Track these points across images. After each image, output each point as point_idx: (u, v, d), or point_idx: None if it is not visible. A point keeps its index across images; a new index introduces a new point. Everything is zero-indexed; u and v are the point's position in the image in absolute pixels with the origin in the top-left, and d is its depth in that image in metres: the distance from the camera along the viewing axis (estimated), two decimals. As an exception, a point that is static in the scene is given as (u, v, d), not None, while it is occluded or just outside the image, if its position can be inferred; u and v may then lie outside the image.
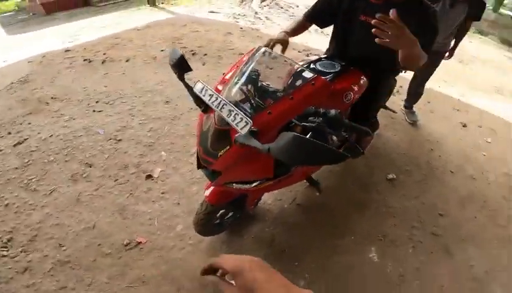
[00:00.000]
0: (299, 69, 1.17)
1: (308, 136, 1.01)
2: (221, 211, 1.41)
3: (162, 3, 7.23)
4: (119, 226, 1.66)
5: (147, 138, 2.25)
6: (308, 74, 1.08)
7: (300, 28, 1.53)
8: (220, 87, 1.11)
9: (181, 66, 0.99)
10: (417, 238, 1.89)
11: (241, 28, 4.91)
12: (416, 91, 2.88)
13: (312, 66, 1.45)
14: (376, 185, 2.18)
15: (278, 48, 1.29)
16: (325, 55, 1.61)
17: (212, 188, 1.25)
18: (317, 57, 1.58)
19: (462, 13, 2.18)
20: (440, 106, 3.49)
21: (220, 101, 0.89)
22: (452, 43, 2.46)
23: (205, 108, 1.04)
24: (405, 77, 2.95)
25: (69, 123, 2.35)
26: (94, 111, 2.51)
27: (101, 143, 2.16)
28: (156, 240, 1.62)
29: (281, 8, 7.62)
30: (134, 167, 2.00)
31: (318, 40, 4.96)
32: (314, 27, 1.56)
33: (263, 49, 1.13)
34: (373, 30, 0.89)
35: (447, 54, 2.54)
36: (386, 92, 1.80)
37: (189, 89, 1.01)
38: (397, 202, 2.09)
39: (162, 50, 3.80)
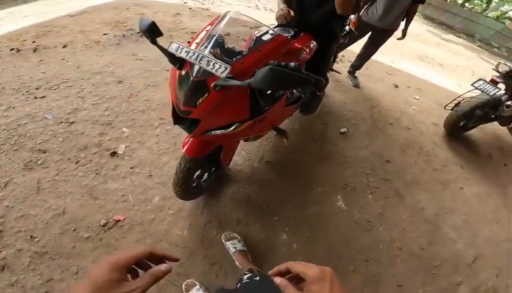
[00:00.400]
0: (262, 32, 1.31)
1: None
2: (197, 172, 1.44)
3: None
4: (91, 208, 1.57)
5: (105, 117, 2.12)
6: (272, 33, 1.24)
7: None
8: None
9: (152, 31, 1.00)
10: (373, 185, 2.13)
11: (190, 8, 4.74)
12: (360, 63, 3.20)
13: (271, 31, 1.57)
14: (332, 139, 2.42)
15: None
16: (279, 24, 1.73)
17: (189, 143, 1.27)
18: (273, 26, 1.71)
19: None
20: (376, 71, 3.94)
21: (198, 55, 0.95)
22: (402, 25, 2.72)
23: (180, 65, 1.06)
24: (348, 48, 3.27)
25: (8, 112, 2.07)
26: (35, 97, 2.25)
27: (52, 128, 1.97)
28: (135, 215, 1.57)
29: (229, -12, 7.53)
30: (95, 147, 1.88)
31: (267, 17, 5.14)
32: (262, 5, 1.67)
33: (231, 13, 1.20)
34: None
35: (399, 34, 2.82)
36: (332, 55, 1.99)
37: (164, 50, 1.03)
38: (351, 152, 2.34)
39: (105, 34, 3.49)
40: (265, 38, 1.27)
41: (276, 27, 1.68)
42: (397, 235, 1.87)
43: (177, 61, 1.05)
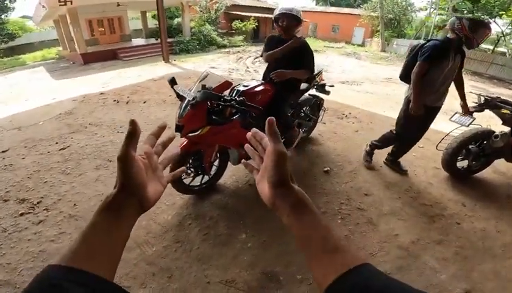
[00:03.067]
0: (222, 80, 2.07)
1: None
2: (188, 174, 2.12)
3: (174, 60, 8.81)
4: None
5: (152, 146, 3.07)
6: (222, 80, 1.95)
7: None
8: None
9: (173, 81, 1.91)
10: (345, 212, 2.19)
11: (232, 79, 6.02)
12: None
13: (242, 83, 2.33)
14: (314, 175, 2.67)
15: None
16: (252, 79, 2.54)
17: (182, 144, 1.97)
18: (252, 79, 2.54)
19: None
20: (381, 124, 4.03)
21: (186, 92, 1.84)
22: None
23: (181, 98, 1.92)
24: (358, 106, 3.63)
25: (100, 138, 3.21)
26: (118, 132, 3.39)
27: (120, 149, 2.99)
28: None
29: (270, 63, 9.07)
30: None
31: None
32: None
33: (206, 71, 2.07)
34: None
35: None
36: (289, 100, 2.53)
37: (174, 91, 1.91)
38: (330, 186, 2.52)
39: (170, 96, 4.87)
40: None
41: (252, 80, 2.45)
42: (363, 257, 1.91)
43: (180, 97, 1.91)
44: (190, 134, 1.87)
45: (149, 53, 11.29)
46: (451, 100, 6.29)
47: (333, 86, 3.07)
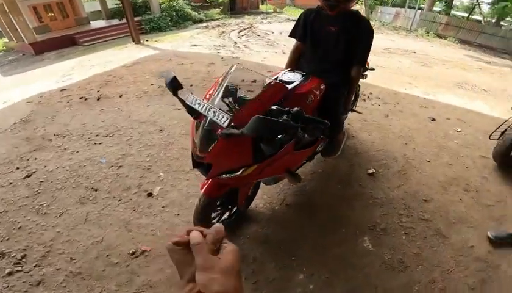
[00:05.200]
0: (267, 80, 1.43)
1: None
2: (215, 210, 1.59)
3: (146, 40, 7.71)
4: (125, 238, 1.78)
5: (146, 162, 2.44)
6: (269, 81, 1.37)
7: (294, 53, 1.97)
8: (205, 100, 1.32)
9: (174, 85, 1.20)
10: (408, 225, 1.95)
11: (222, 58, 5.33)
12: None
13: (279, 78, 1.72)
14: (358, 181, 2.33)
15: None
16: (289, 69, 1.88)
17: (207, 184, 1.43)
18: (286, 70, 1.86)
19: None
20: (408, 105, 3.80)
21: (207, 106, 1.13)
22: None
23: (196, 115, 1.25)
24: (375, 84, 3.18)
25: (73, 156, 2.53)
26: (95, 144, 2.71)
27: (104, 170, 2.34)
28: (160, 247, 1.72)
29: (258, 35, 8.25)
30: (135, 188, 2.16)
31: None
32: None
33: (236, 65, 1.40)
34: None
35: None
36: (342, 99, 1.95)
37: (183, 102, 1.22)
38: (380, 193, 2.21)
39: (152, 85, 4.10)
40: (268, 83, 1.37)
41: (289, 71, 1.82)
42: (439, 275, 1.65)
43: (194, 112, 1.22)
44: (224, 176, 1.28)
45: (114, 35, 10.27)
46: (462, 73, 6.28)
47: (373, 69, 2.58)
